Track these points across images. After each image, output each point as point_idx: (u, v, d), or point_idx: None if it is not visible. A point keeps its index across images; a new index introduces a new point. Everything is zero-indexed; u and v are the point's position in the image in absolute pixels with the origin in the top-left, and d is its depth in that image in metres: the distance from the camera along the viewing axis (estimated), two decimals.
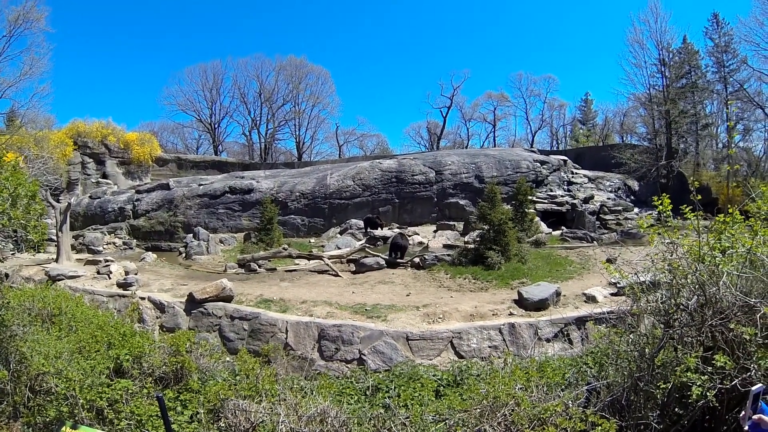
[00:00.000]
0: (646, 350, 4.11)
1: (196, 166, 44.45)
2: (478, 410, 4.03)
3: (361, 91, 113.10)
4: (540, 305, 14.02)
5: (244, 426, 4.51)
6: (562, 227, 28.15)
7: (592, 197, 32.80)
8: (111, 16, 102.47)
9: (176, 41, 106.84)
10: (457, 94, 66.60)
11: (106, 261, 21.10)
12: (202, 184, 32.71)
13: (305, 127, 65.67)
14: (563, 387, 4.35)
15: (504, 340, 12.42)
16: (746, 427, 2.58)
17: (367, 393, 4.85)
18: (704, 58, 42.93)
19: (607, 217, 29.91)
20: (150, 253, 25.77)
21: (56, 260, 21.61)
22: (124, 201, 32.10)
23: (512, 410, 3.87)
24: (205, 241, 25.78)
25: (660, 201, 4.93)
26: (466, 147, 61.95)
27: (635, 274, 4.69)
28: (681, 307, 4.16)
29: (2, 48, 30.80)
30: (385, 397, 4.58)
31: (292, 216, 30.31)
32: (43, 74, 32.02)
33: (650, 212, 4.97)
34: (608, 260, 17.81)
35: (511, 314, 13.76)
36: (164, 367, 5.94)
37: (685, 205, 4.80)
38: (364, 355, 12.19)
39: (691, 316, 4.12)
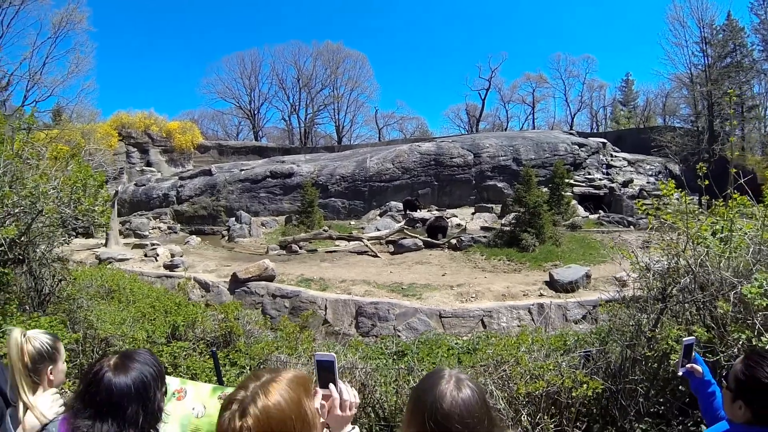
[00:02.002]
0: (642, 322, 4.59)
1: (236, 152, 45.19)
2: (483, 367, 4.60)
3: (400, 75, 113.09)
4: (570, 287, 14.39)
5: None
6: (600, 211, 28.11)
7: (631, 181, 32.49)
8: (149, 11, 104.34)
9: (213, 31, 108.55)
10: (495, 76, 65.70)
11: (153, 245, 22.18)
12: (243, 170, 33.38)
13: (344, 112, 65.97)
14: (562, 352, 4.87)
15: (532, 319, 12.86)
16: (680, 373, 3.03)
17: (394, 357, 5.45)
18: (750, 36, 40.08)
19: (647, 201, 29.61)
20: (194, 236, 26.88)
21: (105, 245, 22.81)
22: (168, 187, 33.07)
23: (512, 367, 4.44)
24: (247, 224, 26.69)
25: (665, 186, 5.35)
26: (506, 129, 61.40)
27: (631, 252, 5.12)
28: (674, 284, 4.61)
29: (49, 49, 32.28)
30: (409, 360, 5.16)
31: (333, 199, 30.89)
32: (88, 71, 33.38)
33: (692, 197, 5.20)
34: (644, 244, 17.97)
35: (541, 295, 14.20)
36: (215, 332, 6.71)
37: (676, 193, 5.18)
38: (399, 330, 12.81)
39: (684, 293, 4.57)
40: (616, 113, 65.47)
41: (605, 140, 38.60)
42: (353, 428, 1.88)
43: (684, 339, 3.04)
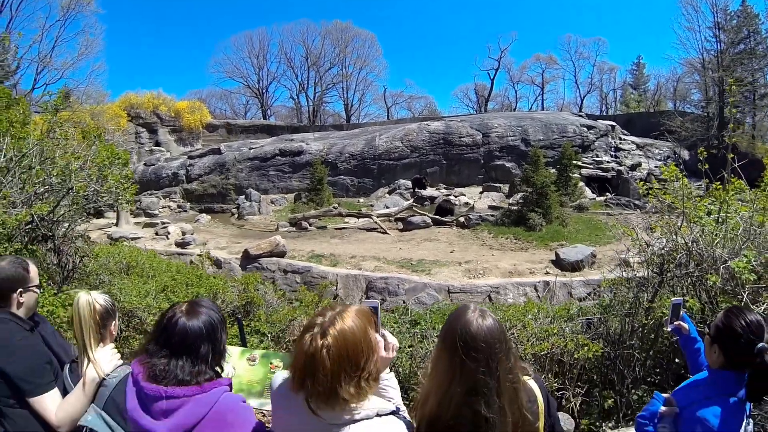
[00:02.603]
0: (640, 294, 4.92)
1: (245, 131, 45.25)
2: None
3: (409, 54, 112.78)
4: (575, 266, 14.70)
5: None
6: (607, 193, 28.22)
7: (639, 165, 32.38)
8: None
9: (222, 11, 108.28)
10: (504, 56, 65.46)
11: (164, 223, 22.58)
12: (252, 148, 33.54)
13: (353, 90, 66.03)
14: (566, 319, 5.23)
15: (538, 296, 13.22)
16: (668, 329, 3.36)
17: (408, 325, 5.81)
18: (764, 23, 38.99)
19: (649, 183, 29.50)
20: (204, 214, 27.27)
21: (116, 224, 23.30)
22: (177, 167, 33.21)
23: (519, 330, 4.81)
24: (256, 202, 27.05)
25: (667, 169, 5.66)
26: (514, 110, 61.15)
27: (632, 228, 5.44)
28: (672, 260, 4.92)
29: (58, 32, 32.83)
30: (423, 328, 5.51)
31: (342, 177, 31.14)
32: (97, 53, 33.78)
33: (699, 182, 5.39)
34: (649, 227, 18.25)
35: (547, 273, 14.53)
36: (235, 302, 7.03)
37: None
38: (409, 305, 13.17)
39: (680, 268, 4.88)
40: (626, 96, 64.65)
41: (614, 123, 38.37)
42: (390, 372, 2.23)
43: (672, 299, 3.36)
